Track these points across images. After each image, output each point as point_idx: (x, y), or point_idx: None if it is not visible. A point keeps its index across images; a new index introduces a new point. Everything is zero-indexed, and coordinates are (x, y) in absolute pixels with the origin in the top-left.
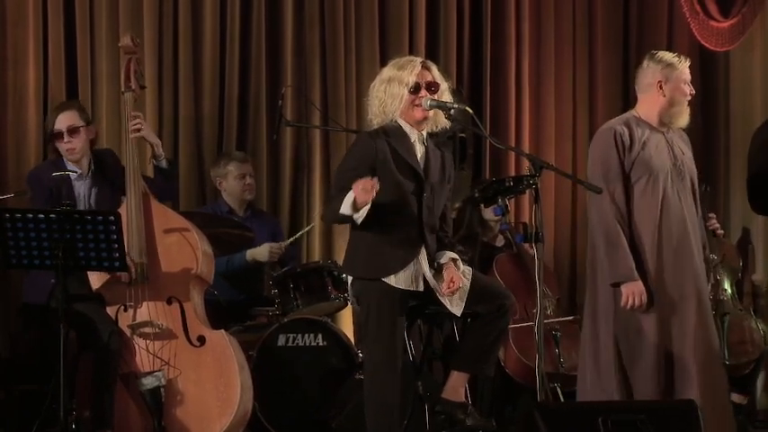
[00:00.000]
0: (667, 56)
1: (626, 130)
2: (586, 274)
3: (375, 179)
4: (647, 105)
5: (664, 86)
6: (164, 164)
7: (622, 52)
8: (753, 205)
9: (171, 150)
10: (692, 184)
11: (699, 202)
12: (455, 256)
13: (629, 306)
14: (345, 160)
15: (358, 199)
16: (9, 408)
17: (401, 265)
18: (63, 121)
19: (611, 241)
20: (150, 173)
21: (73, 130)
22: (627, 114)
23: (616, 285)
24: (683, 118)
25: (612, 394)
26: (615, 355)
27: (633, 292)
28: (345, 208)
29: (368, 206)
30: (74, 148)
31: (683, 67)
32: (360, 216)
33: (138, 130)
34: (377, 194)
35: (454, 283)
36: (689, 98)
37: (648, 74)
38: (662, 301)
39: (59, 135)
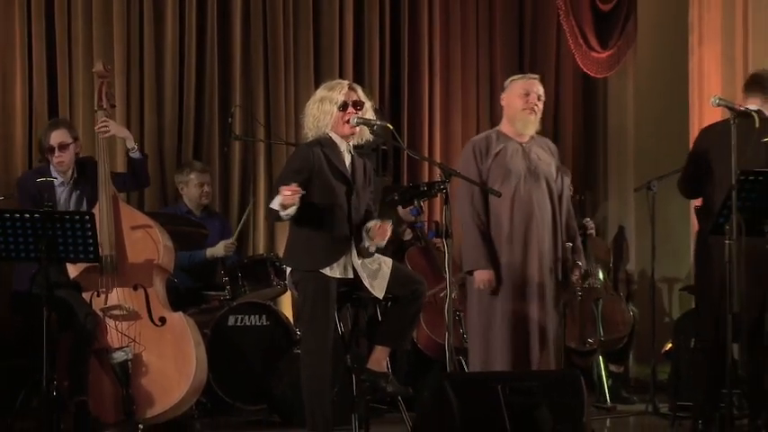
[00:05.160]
0: (511, 77)
1: (484, 142)
2: None
3: (299, 187)
4: (503, 119)
5: (503, 101)
6: (137, 155)
7: None
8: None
9: None
10: (548, 185)
11: (560, 200)
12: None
13: (480, 290)
14: (288, 165)
15: (284, 201)
16: (0, 380)
17: (335, 258)
18: (55, 138)
19: (467, 236)
20: (121, 169)
21: (63, 146)
22: (491, 130)
23: (470, 273)
24: (528, 126)
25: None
26: (478, 329)
27: (483, 279)
28: (275, 204)
29: (295, 207)
30: (63, 161)
31: (519, 80)
32: (287, 214)
33: (106, 131)
34: (315, 196)
35: (382, 228)
36: (528, 106)
37: (502, 95)
38: (510, 284)
39: (51, 150)
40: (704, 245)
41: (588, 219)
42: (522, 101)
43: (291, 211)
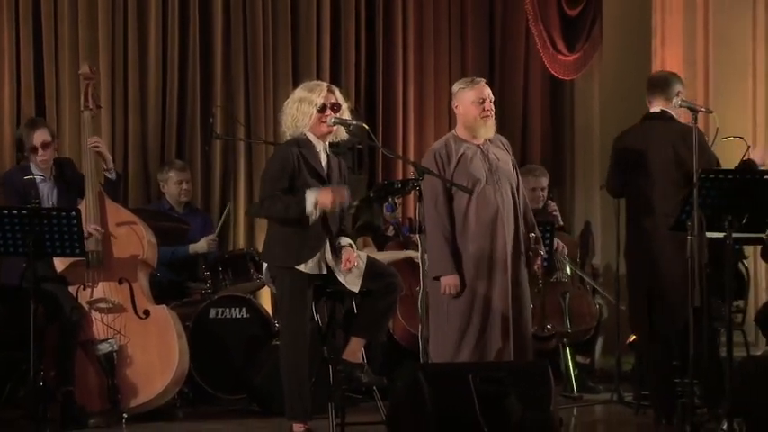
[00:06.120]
0: (458, 84)
1: (444, 149)
2: None
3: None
4: (458, 125)
5: (458, 109)
6: (113, 176)
7: (489, 80)
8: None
9: (121, 158)
10: (509, 183)
11: (517, 193)
12: (350, 241)
13: (446, 295)
14: (270, 167)
15: (323, 202)
16: None
17: (310, 255)
18: (38, 137)
19: (433, 243)
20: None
21: (45, 145)
22: (449, 134)
23: (436, 279)
24: (486, 130)
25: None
26: (442, 325)
27: (449, 283)
28: (310, 206)
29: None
30: (46, 160)
31: (470, 89)
32: (316, 216)
33: (97, 147)
34: (293, 194)
35: (350, 261)
36: (486, 113)
37: (453, 101)
38: (478, 281)
39: (35, 149)
40: (639, 239)
41: (551, 201)
42: (479, 109)
43: (319, 212)
